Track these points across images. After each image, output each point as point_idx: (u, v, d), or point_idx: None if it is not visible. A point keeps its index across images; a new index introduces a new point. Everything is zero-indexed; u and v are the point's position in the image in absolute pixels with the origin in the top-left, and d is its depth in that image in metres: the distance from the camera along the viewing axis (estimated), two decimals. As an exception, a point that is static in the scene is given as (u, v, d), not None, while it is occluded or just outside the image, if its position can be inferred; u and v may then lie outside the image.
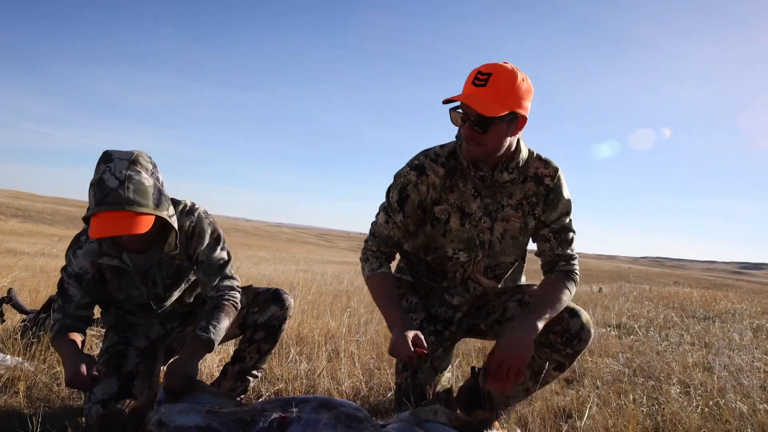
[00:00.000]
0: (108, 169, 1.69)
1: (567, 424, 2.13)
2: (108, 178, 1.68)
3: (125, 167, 1.71)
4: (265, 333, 2.18)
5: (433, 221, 2.00)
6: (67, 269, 1.93)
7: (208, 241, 2.01)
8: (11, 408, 2.00)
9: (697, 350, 3.82)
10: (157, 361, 2.13)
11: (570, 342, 1.94)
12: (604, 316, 5.60)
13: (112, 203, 1.66)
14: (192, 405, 1.56)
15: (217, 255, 2.03)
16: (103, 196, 1.66)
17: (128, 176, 1.70)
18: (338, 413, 1.50)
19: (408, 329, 1.72)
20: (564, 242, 1.99)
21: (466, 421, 1.64)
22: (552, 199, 1.95)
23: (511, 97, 1.69)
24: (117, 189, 1.67)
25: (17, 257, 7.95)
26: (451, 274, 2.09)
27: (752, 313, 6.67)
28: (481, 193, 1.95)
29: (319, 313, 4.24)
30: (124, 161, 1.72)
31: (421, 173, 1.94)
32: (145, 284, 2.00)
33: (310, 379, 2.56)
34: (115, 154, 1.73)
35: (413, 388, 1.99)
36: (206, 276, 2.01)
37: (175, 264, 2.02)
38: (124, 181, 1.68)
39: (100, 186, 1.67)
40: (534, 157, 1.95)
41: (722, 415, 2.24)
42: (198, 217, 1.99)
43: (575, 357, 1.99)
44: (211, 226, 2.03)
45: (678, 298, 8.41)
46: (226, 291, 2.00)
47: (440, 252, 2.05)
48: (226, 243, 2.09)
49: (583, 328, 1.93)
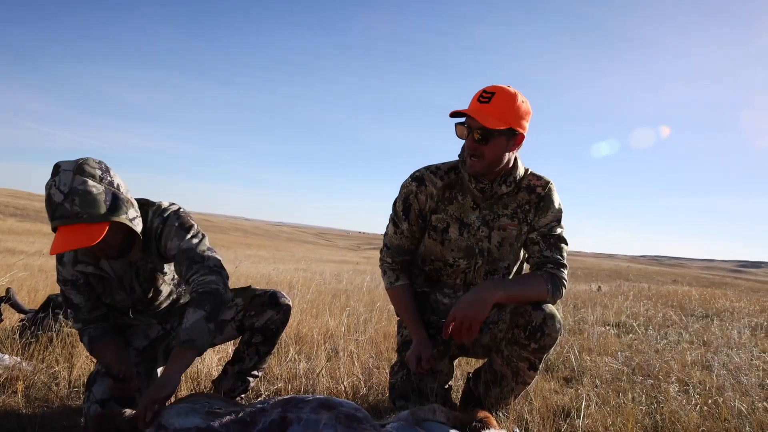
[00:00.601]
0: (54, 183, 1.66)
1: (566, 423, 2.13)
2: (54, 192, 1.65)
3: (69, 179, 1.67)
4: (262, 336, 2.17)
5: (430, 231, 2.12)
6: (60, 279, 1.97)
7: (175, 232, 1.91)
8: (9, 408, 2.00)
9: (695, 349, 3.83)
10: (157, 362, 2.12)
11: (533, 335, 1.92)
12: (603, 314, 5.60)
13: (61, 218, 1.65)
14: (191, 406, 1.56)
15: (185, 244, 1.89)
16: (53, 212, 1.65)
17: (72, 188, 1.65)
18: (338, 413, 1.50)
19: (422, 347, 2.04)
20: (553, 246, 2.04)
21: (464, 420, 1.64)
22: (543, 207, 2.06)
23: (511, 115, 1.87)
24: (63, 203, 1.64)
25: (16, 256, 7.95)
26: (452, 281, 2.18)
27: (751, 311, 6.68)
28: (480, 205, 2.08)
29: (318, 312, 4.24)
30: (69, 172, 1.68)
31: (420, 184, 2.08)
32: (124, 290, 1.99)
33: (310, 379, 2.56)
34: (62, 166, 1.69)
35: (411, 386, 2.04)
36: (183, 270, 1.88)
37: (149, 267, 1.98)
38: (69, 194, 1.65)
39: (48, 202, 1.66)
40: (528, 173, 2.10)
41: (721, 413, 2.25)
42: (167, 217, 1.93)
43: (542, 353, 1.97)
44: (179, 219, 1.93)
45: (677, 296, 8.42)
46: (195, 281, 1.82)
47: (437, 263, 2.16)
48: (201, 232, 1.96)
49: (546, 321, 1.91)
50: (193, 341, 1.67)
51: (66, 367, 2.43)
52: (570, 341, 3.80)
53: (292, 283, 6.41)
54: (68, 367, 2.42)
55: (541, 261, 2.03)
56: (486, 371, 2.16)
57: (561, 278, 2.00)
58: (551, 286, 1.97)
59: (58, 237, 1.66)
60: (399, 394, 2.06)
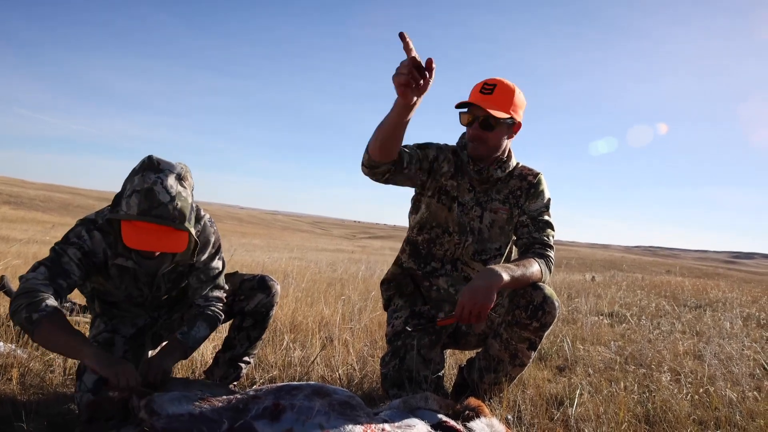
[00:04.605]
0: (159, 180, 1.69)
1: (559, 411, 2.15)
2: (159, 190, 1.68)
3: (175, 183, 1.72)
4: (253, 320, 2.20)
5: (441, 195, 2.21)
6: (73, 242, 1.80)
7: (210, 251, 2.04)
8: (4, 395, 2.00)
9: (688, 338, 3.86)
10: (145, 349, 2.13)
11: (535, 314, 2.01)
12: (597, 304, 5.63)
13: (159, 217, 1.67)
14: (184, 393, 1.57)
15: (213, 264, 2.06)
16: (150, 207, 1.66)
17: (178, 193, 1.71)
18: (332, 400, 1.51)
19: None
20: (541, 229, 2.16)
21: (457, 408, 1.65)
22: (533, 193, 2.21)
23: (512, 106, 2.05)
24: (167, 204, 1.68)
25: (9, 244, 7.92)
26: (441, 253, 2.25)
27: (743, 302, 6.74)
28: (476, 187, 2.22)
29: (313, 301, 4.25)
30: (173, 175, 1.73)
31: (440, 147, 2.24)
32: (150, 287, 2.01)
33: (304, 367, 2.57)
34: (163, 164, 1.74)
35: (404, 375, 2.06)
36: (199, 282, 2.04)
37: (178, 270, 2.03)
38: (175, 198, 1.70)
39: (149, 196, 1.67)
40: (520, 165, 2.28)
41: (712, 402, 2.27)
42: (204, 226, 2.00)
43: (543, 331, 2.05)
44: (215, 235, 2.05)
45: (670, 286, 8.47)
46: (212, 302, 2.04)
47: (436, 230, 2.23)
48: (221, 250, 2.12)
49: (546, 300, 2.01)
50: (191, 348, 1.92)
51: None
52: (563, 330, 3.83)
53: (287, 271, 6.41)
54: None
55: (529, 241, 2.14)
56: (481, 358, 2.19)
57: (549, 257, 2.11)
58: (544, 267, 2.06)
59: (140, 232, 1.67)
60: (392, 383, 2.08)
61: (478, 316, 1.81)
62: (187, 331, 1.92)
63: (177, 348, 1.88)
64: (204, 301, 2.03)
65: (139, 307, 2.10)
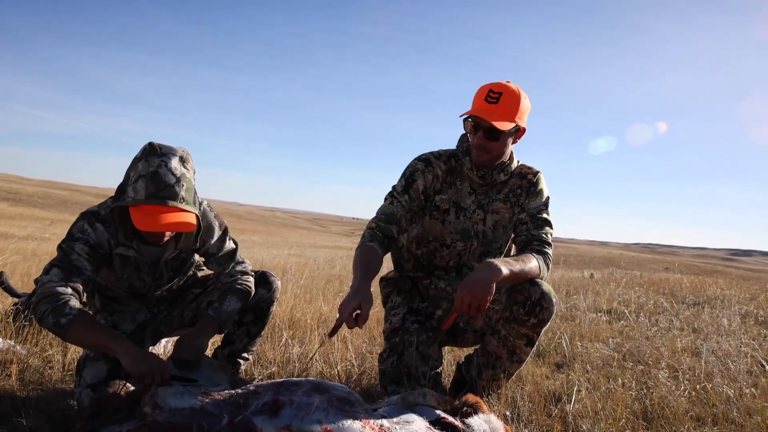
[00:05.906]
0: (163, 163, 1.70)
1: (557, 408, 2.16)
2: (164, 172, 1.69)
3: (178, 165, 1.74)
4: (253, 316, 2.22)
5: (433, 211, 2.20)
6: (78, 237, 1.79)
7: (218, 234, 2.07)
8: (3, 391, 2.00)
9: (685, 335, 3.87)
10: (145, 345, 2.14)
11: (533, 310, 2.01)
12: (595, 301, 5.64)
13: (166, 198, 1.68)
14: (186, 387, 1.57)
15: (227, 246, 2.11)
16: (158, 190, 1.67)
17: (182, 175, 1.73)
18: (330, 396, 1.52)
19: (359, 297, 1.81)
20: (540, 226, 2.17)
21: (455, 405, 1.66)
22: (533, 191, 2.21)
23: (517, 114, 2.02)
24: (173, 185, 1.69)
25: (8, 240, 7.91)
26: (444, 263, 2.26)
27: (741, 299, 6.75)
28: (476, 190, 2.21)
29: (312, 297, 4.26)
30: (176, 158, 1.75)
31: (427, 164, 2.19)
32: (152, 276, 2.01)
33: (303, 363, 2.57)
34: (165, 149, 1.75)
35: (402, 371, 2.06)
36: (219, 266, 2.10)
37: (181, 257, 2.05)
38: (180, 179, 1.72)
39: (154, 179, 1.68)
40: (520, 164, 2.26)
41: (709, 398, 2.28)
42: (203, 212, 2.01)
43: (541, 328, 2.05)
44: (217, 219, 2.08)
45: (668, 284, 8.48)
46: (239, 275, 2.08)
47: (433, 244, 2.23)
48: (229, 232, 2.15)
49: (544, 296, 2.01)
50: (224, 323, 1.94)
51: (60, 350, 2.43)
52: (562, 327, 3.83)
53: (286, 268, 6.41)
54: (62, 351, 2.42)
55: (528, 238, 2.15)
56: (479, 355, 2.20)
57: (547, 254, 2.11)
58: (542, 263, 2.06)
59: (148, 215, 1.67)
60: (390, 380, 2.08)
61: (477, 309, 1.81)
62: (218, 306, 1.95)
63: (210, 324, 1.91)
64: (230, 277, 2.07)
65: (140, 300, 2.10)
